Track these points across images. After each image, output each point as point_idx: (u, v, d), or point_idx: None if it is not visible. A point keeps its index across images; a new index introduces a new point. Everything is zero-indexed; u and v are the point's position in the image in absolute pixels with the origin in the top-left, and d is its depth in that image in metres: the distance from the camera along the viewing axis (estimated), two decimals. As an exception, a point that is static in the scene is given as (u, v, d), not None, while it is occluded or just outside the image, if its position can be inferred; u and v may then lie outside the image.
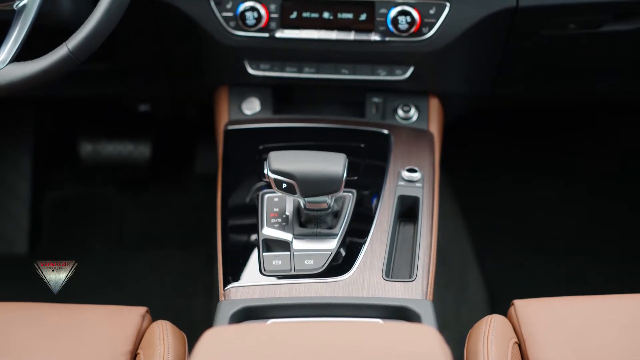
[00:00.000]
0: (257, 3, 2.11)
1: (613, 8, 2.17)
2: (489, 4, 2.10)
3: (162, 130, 3.20)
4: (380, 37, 2.13)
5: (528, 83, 2.47)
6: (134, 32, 2.19)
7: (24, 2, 1.87)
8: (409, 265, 1.91)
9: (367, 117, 2.29)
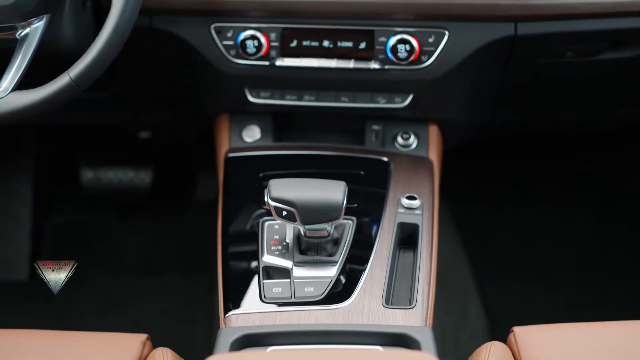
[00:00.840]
0: (258, 32, 2.13)
1: (610, 36, 2.18)
2: (487, 33, 2.12)
3: (163, 157, 3.21)
4: (379, 65, 2.14)
5: (527, 110, 2.48)
6: (135, 59, 2.20)
7: (27, 31, 1.89)
8: (408, 292, 1.91)
9: (367, 144, 2.30)
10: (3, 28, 1.88)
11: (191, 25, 2.15)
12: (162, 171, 3.18)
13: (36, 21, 1.89)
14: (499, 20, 2.10)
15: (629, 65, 2.28)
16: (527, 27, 2.11)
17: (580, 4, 2.08)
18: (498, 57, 2.18)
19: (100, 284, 2.98)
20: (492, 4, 2.07)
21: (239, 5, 2.11)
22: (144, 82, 2.39)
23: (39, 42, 1.89)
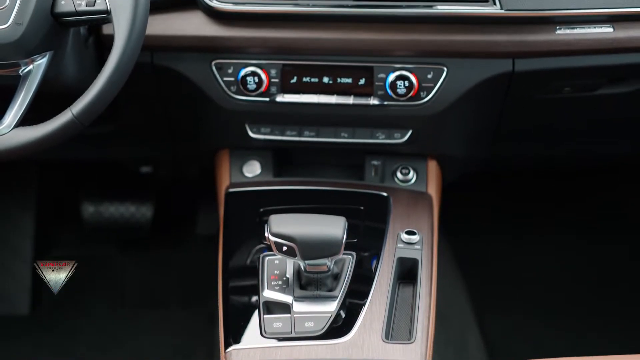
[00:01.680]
0: (258, 68, 2.15)
1: (607, 72, 2.20)
2: (485, 69, 2.14)
3: (164, 191, 3.22)
4: (379, 101, 2.16)
5: (525, 145, 2.50)
6: (137, 95, 2.21)
7: (29, 68, 1.90)
8: (408, 327, 1.91)
9: (367, 179, 2.32)
10: (6, 65, 1.89)
11: (192, 62, 2.17)
12: (163, 206, 3.19)
13: (39, 58, 1.90)
14: (497, 57, 2.12)
15: (627, 100, 2.30)
16: (525, 63, 2.13)
17: (577, 40, 2.09)
18: (496, 92, 2.20)
19: (101, 318, 2.98)
20: (490, 40, 2.09)
21: (240, 42, 2.13)
22: (146, 117, 2.41)
23: (41, 78, 1.90)
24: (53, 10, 1.89)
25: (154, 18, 2.07)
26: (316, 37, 2.11)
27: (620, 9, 2.09)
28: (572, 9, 2.08)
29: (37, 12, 1.87)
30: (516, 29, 2.09)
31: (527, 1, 2.07)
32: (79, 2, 1.88)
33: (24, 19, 1.86)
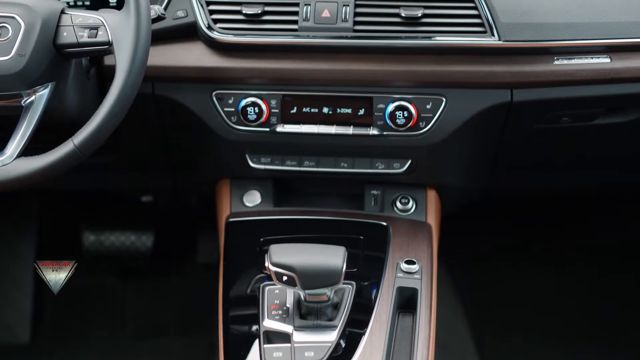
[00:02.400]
0: (258, 99, 2.16)
1: (605, 102, 2.21)
2: (484, 99, 2.15)
3: (164, 220, 3.23)
4: (378, 132, 2.17)
5: (525, 175, 2.51)
6: (138, 125, 2.22)
7: (32, 99, 1.91)
8: (408, 356, 1.92)
9: (366, 209, 2.33)
10: (8, 96, 1.91)
11: (193, 93, 2.18)
12: (163, 234, 3.20)
13: (41, 89, 1.91)
14: (496, 87, 2.13)
15: (625, 130, 2.31)
16: (523, 93, 2.14)
17: (575, 70, 2.11)
18: (495, 122, 2.21)
19: (101, 346, 2.98)
20: (489, 71, 2.11)
21: (240, 73, 2.15)
22: (146, 147, 2.42)
23: (43, 109, 1.91)
24: (55, 41, 1.90)
25: (155, 49, 2.08)
26: (316, 68, 2.13)
27: (617, 40, 2.11)
28: (569, 40, 2.10)
29: (39, 44, 1.88)
30: (514, 60, 2.11)
31: (526, 32, 2.09)
32: (81, 33, 1.90)
33: (26, 51, 1.87)
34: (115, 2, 2.25)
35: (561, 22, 2.09)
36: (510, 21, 2.08)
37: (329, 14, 2.11)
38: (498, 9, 2.09)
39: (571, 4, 2.12)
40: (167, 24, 2.12)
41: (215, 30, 2.13)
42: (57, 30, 1.90)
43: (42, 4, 1.93)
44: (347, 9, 2.11)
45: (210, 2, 2.15)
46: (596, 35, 2.10)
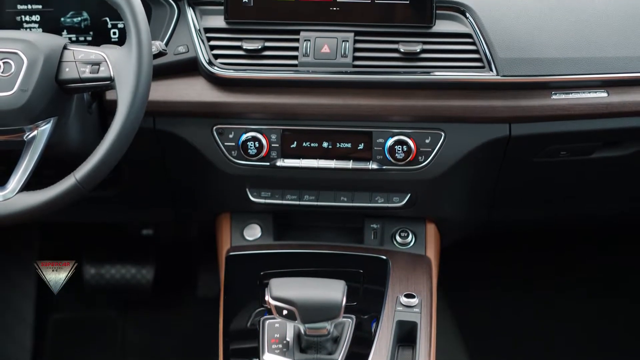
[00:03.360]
0: (259, 133, 2.18)
1: (603, 136, 2.23)
2: (483, 134, 2.16)
3: (164, 253, 3.23)
4: (377, 166, 2.18)
5: (524, 208, 2.52)
6: (139, 159, 2.21)
7: (34, 134, 1.92)
8: (408, 390, 1.93)
9: (366, 242, 2.33)
10: (11, 131, 1.93)
11: (193, 127, 2.20)
12: (164, 267, 3.20)
13: (43, 124, 1.93)
14: (494, 122, 2.15)
15: (623, 163, 2.33)
16: (521, 127, 2.16)
17: (572, 105, 2.13)
18: (493, 156, 2.22)
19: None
20: (487, 105, 2.12)
21: (241, 107, 2.16)
22: (147, 181, 2.43)
23: (45, 144, 1.93)
24: (58, 77, 1.93)
25: (157, 83, 2.11)
26: (316, 102, 2.15)
27: (614, 75, 2.13)
28: (567, 75, 2.12)
29: (42, 79, 1.90)
30: (512, 94, 2.13)
31: (523, 67, 2.11)
32: (83, 69, 1.92)
33: (29, 86, 1.89)
34: (117, 38, 2.28)
35: (558, 57, 2.12)
36: (508, 56, 2.11)
37: (329, 50, 2.13)
38: (496, 44, 2.11)
39: (568, 39, 2.14)
40: (168, 59, 2.15)
41: (216, 65, 2.15)
42: (60, 66, 1.93)
43: (45, 39, 1.96)
44: (347, 44, 2.13)
45: (211, 38, 2.17)
46: (593, 70, 2.12)
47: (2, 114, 1.90)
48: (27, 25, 2.29)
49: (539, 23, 2.16)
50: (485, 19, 2.14)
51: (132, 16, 1.89)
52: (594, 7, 2.20)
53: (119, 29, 2.28)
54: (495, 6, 2.17)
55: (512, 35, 2.13)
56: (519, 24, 2.15)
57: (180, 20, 2.21)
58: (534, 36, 2.14)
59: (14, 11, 2.29)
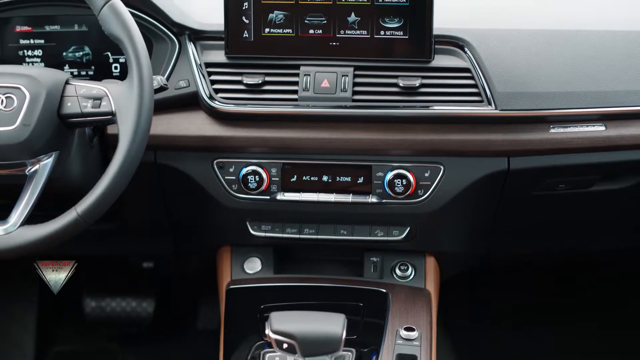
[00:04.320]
0: (259, 167, 2.19)
1: (601, 169, 2.24)
2: (482, 167, 2.17)
3: (165, 286, 3.23)
4: (377, 199, 2.19)
5: (523, 242, 2.52)
6: (140, 193, 2.23)
7: (35, 168, 1.94)
8: None
9: (366, 275, 2.34)
10: (13, 165, 1.94)
11: (194, 161, 2.21)
12: (164, 300, 3.20)
13: (45, 158, 1.94)
14: (493, 155, 2.16)
15: (622, 196, 2.33)
16: (520, 161, 2.17)
17: (570, 139, 2.14)
18: (492, 190, 2.23)
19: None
20: (486, 139, 2.13)
21: (241, 141, 2.17)
22: (148, 214, 2.44)
23: (47, 178, 1.94)
24: (59, 111, 1.94)
25: (158, 118, 2.12)
26: (315, 137, 2.16)
27: (612, 108, 2.15)
28: (565, 109, 2.13)
29: (44, 114, 1.92)
30: (511, 128, 2.14)
31: (522, 101, 2.12)
32: (85, 103, 1.93)
33: (31, 121, 1.91)
34: (118, 72, 2.30)
35: (556, 91, 2.13)
36: (506, 90, 2.12)
37: (329, 84, 2.15)
38: (494, 78, 2.13)
39: (566, 73, 2.16)
40: (169, 93, 2.16)
41: (216, 99, 2.16)
42: (62, 101, 1.94)
43: (47, 74, 1.97)
44: (347, 79, 2.14)
45: (212, 72, 2.19)
46: (591, 103, 2.14)
47: (4, 148, 1.91)
48: (29, 60, 2.31)
49: (537, 57, 2.18)
50: (484, 53, 2.16)
51: (134, 51, 1.90)
52: (591, 41, 2.21)
53: (121, 64, 2.30)
54: (494, 41, 2.19)
55: (510, 69, 2.15)
56: (517, 59, 2.17)
57: (181, 55, 2.23)
58: (532, 70, 2.15)
59: (16, 45, 2.31)
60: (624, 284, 3.25)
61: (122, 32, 1.90)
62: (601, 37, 2.23)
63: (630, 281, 3.23)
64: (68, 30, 2.30)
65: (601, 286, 3.27)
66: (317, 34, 2.17)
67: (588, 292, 3.26)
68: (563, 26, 2.26)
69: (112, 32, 1.91)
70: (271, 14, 2.17)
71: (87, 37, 2.30)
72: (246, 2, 2.17)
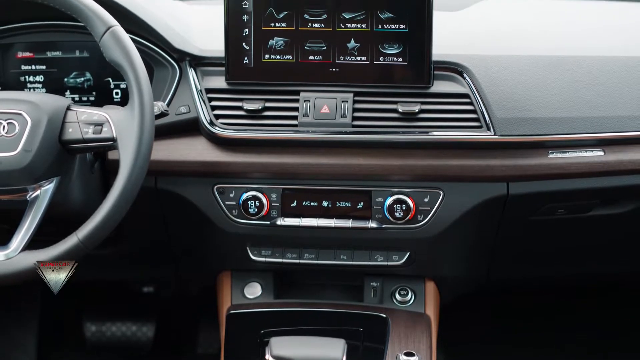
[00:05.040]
0: (259, 192, 2.19)
1: (600, 194, 2.24)
2: (481, 192, 2.18)
3: (165, 311, 3.23)
4: (377, 225, 2.20)
5: (521, 267, 2.52)
6: (140, 218, 2.21)
7: (37, 193, 1.94)
8: None
9: (366, 300, 2.34)
10: (14, 190, 1.94)
11: (195, 186, 2.22)
12: (164, 325, 3.20)
13: (46, 184, 1.95)
14: (492, 181, 2.17)
15: (621, 221, 2.34)
16: (519, 186, 2.17)
17: (569, 164, 2.14)
18: (492, 215, 2.24)
19: None
20: (485, 165, 2.14)
21: (241, 167, 2.18)
22: (148, 239, 2.44)
23: (48, 203, 1.94)
24: (61, 137, 1.95)
25: (158, 143, 2.13)
26: (315, 162, 2.16)
27: (610, 134, 2.16)
28: (563, 134, 2.14)
29: (45, 140, 1.93)
30: (510, 154, 2.15)
31: (520, 126, 2.13)
32: (86, 129, 1.94)
33: (32, 146, 1.92)
34: (119, 98, 2.31)
35: (555, 117, 2.14)
36: (505, 116, 2.13)
37: (328, 110, 2.16)
38: (493, 104, 2.14)
39: (564, 99, 2.17)
40: (170, 119, 2.17)
41: (217, 125, 2.17)
42: (63, 127, 1.95)
43: (49, 100, 1.99)
44: (346, 105, 2.15)
45: (212, 98, 2.20)
46: (589, 129, 2.15)
47: (5, 173, 1.92)
48: (30, 86, 2.33)
49: (535, 83, 2.19)
50: (483, 79, 2.17)
51: (135, 77, 1.91)
52: (589, 67, 2.23)
53: (122, 89, 2.31)
54: (492, 67, 2.20)
55: (508, 95, 2.16)
56: (515, 84, 2.18)
57: (182, 80, 2.24)
58: (530, 96, 2.16)
59: (18, 71, 2.32)
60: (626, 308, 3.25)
61: (124, 59, 1.91)
62: (599, 63, 2.24)
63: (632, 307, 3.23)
64: (69, 56, 2.32)
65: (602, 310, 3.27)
66: (317, 60, 2.18)
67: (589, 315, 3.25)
68: (561, 52, 2.27)
69: (114, 59, 1.93)
70: (271, 41, 2.18)
71: (89, 63, 2.32)
72: (246, 28, 2.18)
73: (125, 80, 1.92)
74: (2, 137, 1.92)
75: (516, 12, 2.62)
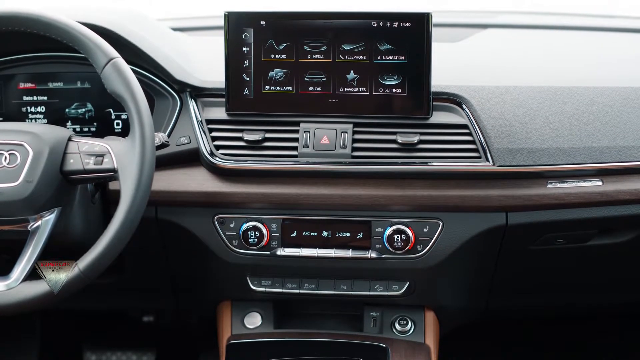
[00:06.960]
0: (259, 223, 2.20)
1: (598, 224, 2.25)
2: (480, 222, 2.19)
3: (165, 340, 3.22)
4: (376, 255, 2.20)
5: (522, 296, 2.53)
6: (141, 248, 2.24)
7: (38, 224, 1.95)
8: None
9: (365, 330, 2.34)
10: (15, 221, 1.95)
11: (195, 217, 2.22)
12: (165, 354, 3.19)
13: (47, 214, 1.95)
14: (491, 211, 2.17)
15: (620, 250, 2.34)
16: (518, 216, 2.18)
17: (567, 194, 2.15)
18: (491, 245, 2.24)
19: None
20: (484, 195, 2.15)
21: (241, 197, 2.19)
22: (149, 269, 2.45)
23: (49, 234, 1.95)
24: (62, 168, 1.96)
25: (159, 174, 2.15)
26: (315, 193, 2.17)
27: (608, 164, 2.17)
28: (562, 164, 2.15)
29: (46, 171, 1.93)
30: (509, 184, 2.15)
31: (519, 157, 2.14)
32: (87, 160, 1.95)
33: (34, 177, 1.92)
34: (120, 129, 2.32)
35: (553, 147, 2.15)
36: (503, 146, 2.14)
37: (328, 141, 2.17)
38: (492, 134, 2.15)
39: (562, 129, 2.18)
40: (170, 150, 2.19)
41: (217, 156, 2.18)
42: (64, 157, 1.96)
43: (50, 131, 1.99)
44: (346, 135, 2.17)
45: (213, 129, 2.22)
46: (588, 159, 2.16)
47: (7, 204, 1.92)
48: (32, 116, 2.34)
49: (534, 114, 2.20)
50: (481, 110, 2.18)
51: (136, 108, 1.92)
52: (587, 97, 2.24)
53: (123, 120, 2.32)
54: (491, 97, 2.21)
55: (507, 125, 2.17)
56: (514, 115, 2.19)
57: (183, 111, 2.25)
58: (528, 126, 2.17)
59: (19, 102, 2.34)
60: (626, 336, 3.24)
61: (125, 90, 1.93)
62: (597, 94, 2.25)
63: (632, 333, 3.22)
64: (71, 87, 2.34)
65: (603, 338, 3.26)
66: (317, 92, 2.20)
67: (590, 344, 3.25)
68: (560, 83, 2.29)
69: (115, 90, 1.94)
70: (271, 72, 2.20)
71: (90, 93, 2.33)
72: (247, 60, 2.20)
73: (127, 111, 1.94)
74: (4, 167, 1.93)
75: (515, 43, 2.64)
